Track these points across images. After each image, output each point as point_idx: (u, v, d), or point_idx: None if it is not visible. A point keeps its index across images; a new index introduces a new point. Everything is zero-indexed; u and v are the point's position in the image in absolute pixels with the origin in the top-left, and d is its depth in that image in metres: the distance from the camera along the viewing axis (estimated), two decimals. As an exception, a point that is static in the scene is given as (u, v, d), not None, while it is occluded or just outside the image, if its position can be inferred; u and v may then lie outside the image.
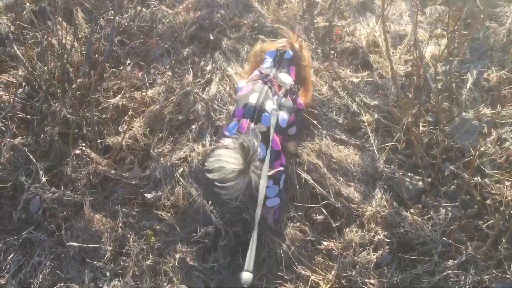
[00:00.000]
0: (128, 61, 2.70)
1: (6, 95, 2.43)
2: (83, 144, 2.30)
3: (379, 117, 2.24)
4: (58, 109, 2.35)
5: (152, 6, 2.90)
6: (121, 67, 2.65)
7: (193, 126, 2.38)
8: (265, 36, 2.50)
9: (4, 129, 2.36)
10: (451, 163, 2.10)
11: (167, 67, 2.67)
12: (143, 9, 2.88)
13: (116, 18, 2.59)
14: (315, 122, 2.31)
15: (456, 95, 2.29)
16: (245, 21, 2.84)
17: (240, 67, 2.61)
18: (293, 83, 2.06)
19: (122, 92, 2.49)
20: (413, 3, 2.17)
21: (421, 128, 2.17)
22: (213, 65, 2.66)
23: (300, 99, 2.11)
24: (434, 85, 2.25)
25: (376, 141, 2.21)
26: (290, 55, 2.13)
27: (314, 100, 2.38)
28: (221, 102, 2.45)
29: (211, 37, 2.80)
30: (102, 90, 2.49)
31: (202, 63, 2.69)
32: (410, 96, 2.27)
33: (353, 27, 2.73)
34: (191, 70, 2.62)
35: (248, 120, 1.86)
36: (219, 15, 2.90)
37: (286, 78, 2.06)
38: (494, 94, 2.28)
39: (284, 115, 1.96)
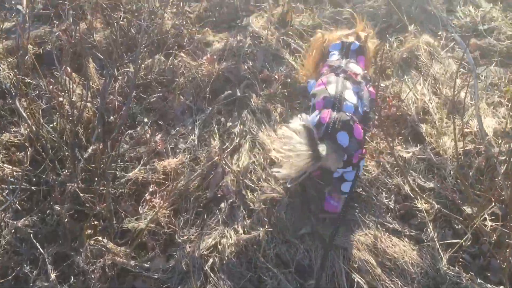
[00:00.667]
0: (145, 119, 2.42)
1: (9, 167, 2.12)
2: (98, 234, 2.00)
3: (437, 205, 1.97)
4: (67, 183, 2.06)
5: (173, 56, 2.61)
6: (138, 128, 2.36)
7: (223, 205, 2.09)
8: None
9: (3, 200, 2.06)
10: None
11: (190, 127, 2.39)
12: (162, 57, 2.60)
13: (136, 72, 2.31)
14: (362, 206, 2.04)
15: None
16: (276, 76, 2.57)
17: (273, 131, 2.34)
18: (365, 72, 2.04)
19: (141, 162, 2.20)
20: (474, 73, 1.91)
21: (488, 222, 1.91)
22: (242, 127, 2.39)
23: (373, 87, 2.06)
24: (501, 168, 2.00)
25: (435, 233, 1.94)
26: (356, 46, 2.11)
27: (360, 181, 2.12)
28: (254, 176, 2.16)
29: (238, 93, 2.53)
30: (118, 159, 2.19)
31: (228, 124, 2.41)
32: (471, 182, 2.01)
33: (398, 88, 2.47)
34: (217, 132, 2.34)
35: (330, 109, 1.82)
36: (246, 67, 2.62)
37: (356, 68, 2.02)
38: None
39: (361, 104, 1.93)
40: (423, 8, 2.90)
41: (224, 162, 2.20)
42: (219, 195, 2.13)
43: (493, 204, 1.90)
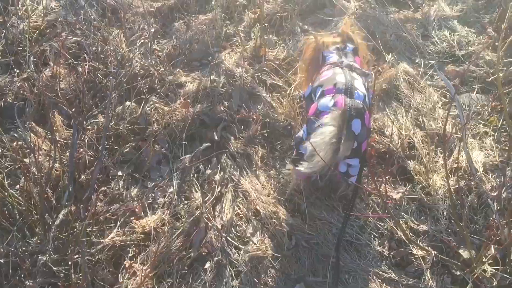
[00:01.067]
0: (119, 173, 2.28)
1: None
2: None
3: (433, 251, 1.89)
4: (38, 254, 1.90)
5: (144, 101, 2.48)
6: (112, 183, 2.22)
7: (208, 264, 1.97)
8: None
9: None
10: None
11: (167, 178, 2.26)
12: (133, 103, 2.47)
13: (107, 122, 2.17)
14: (356, 256, 1.95)
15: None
16: (254, 116, 2.47)
17: (256, 178, 2.23)
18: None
19: (118, 224, 2.06)
20: (461, 109, 1.86)
21: (487, 266, 1.84)
22: (222, 174, 2.27)
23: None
24: (495, 206, 1.94)
25: (433, 282, 1.86)
26: (351, 48, 2.14)
27: (351, 227, 2.03)
28: (238, 231, 2.05)
29: (216, 137, 2.41)
30: (92, 222, 2.04)
31: (208, 171, 2.29)
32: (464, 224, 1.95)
33: (380, 122, 2.40)
34: (196, 182, 2.22)
35: (343, 95, 1.82)
36: (222, 108, 2.52)
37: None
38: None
39: (368, 95, 1.93)
40: (398, 35, 2.85)
41: (206, 216, 2.08)
42: (203, 253, 2.01)
43: (491, 247, 1.84)
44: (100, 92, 2.55)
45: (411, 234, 1.98)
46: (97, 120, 2.39)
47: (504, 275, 1.79)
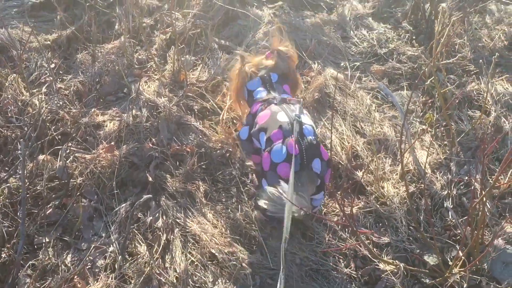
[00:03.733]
0: (46, 239, 2.04)
1: None
2: None
3: (400, 263, 1.90)
4: None
5: (60, 152, 2.24)
6: (40, 254, 1.97)
7: (169, 328, 1.82)
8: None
9: None
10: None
11: (104, 235, 2.06)
12: (48, 156, 2.22)
13: (23, 184, 1.92)
14: (325, 283, 1.90)
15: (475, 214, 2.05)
16: (187, 148, 2.33)
17: (203, 217, 2.11)
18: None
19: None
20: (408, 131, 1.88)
21: (456, 269, 1.87)
22: (165, 218, 2.12)
23: None
24: (450, 206, 1.99)
25: (406, 294, 1.87)
26: (276, 78, 2.07)
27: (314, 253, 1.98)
28: (197, 282, 1.91)
29: (150, 178, 2.25)
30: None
31: (149, 218, 2.12)
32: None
33: (320, 135, 2.37)
34: (138, 234, 2.05)
35: (292, 137, 1.76)
36: (151, 145, 2.35)
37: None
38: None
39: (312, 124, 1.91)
40: (318, 40, 2.86)
41: (158, 272, 1.92)
42: (162, 316, 1.86)
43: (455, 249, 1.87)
44: (5, 149, 2.27)
45: (374, 249, 1.97)
46: (8, 184, 2.12)
47: (474, 276, 1.83)
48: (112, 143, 2.30)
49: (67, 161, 2.23)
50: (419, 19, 2.85)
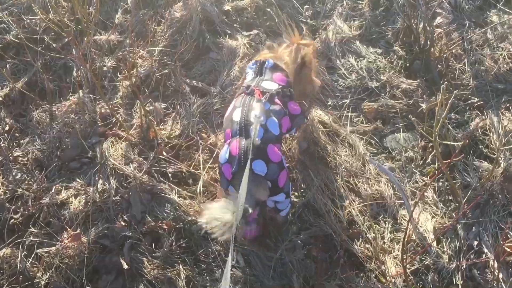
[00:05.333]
0: None
1: None
2: None
3: None
4: None
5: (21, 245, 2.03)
6: None
7: None
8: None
9: None
10: None
11: None
12: (8, 250, 2.00)
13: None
14: None
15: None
16: (164, 225, 2.12)
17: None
18: (281, 88, 2.00)
19: None
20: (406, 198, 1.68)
21: None
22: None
23: (295, 104, 2.06)
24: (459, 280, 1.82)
25: None
26: (271, 64, 2.07)
27: None
28: None
29: (125, 264, 2.05)
30: None
31: (127, 316, 1.94)
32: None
33: (310, 195, 2.16)
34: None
35: (237, 137, 1.79)
36: (122, 223, 2.14)
37: (270, 85, 2.00)
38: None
39: (273, 121, 1.87)
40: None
41: None
42: None
43: None
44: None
45: None
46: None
47: None
48: (78, 231, 2.08)
49: (30, 259, 2.02)
50: (413, 42, 2.57)
